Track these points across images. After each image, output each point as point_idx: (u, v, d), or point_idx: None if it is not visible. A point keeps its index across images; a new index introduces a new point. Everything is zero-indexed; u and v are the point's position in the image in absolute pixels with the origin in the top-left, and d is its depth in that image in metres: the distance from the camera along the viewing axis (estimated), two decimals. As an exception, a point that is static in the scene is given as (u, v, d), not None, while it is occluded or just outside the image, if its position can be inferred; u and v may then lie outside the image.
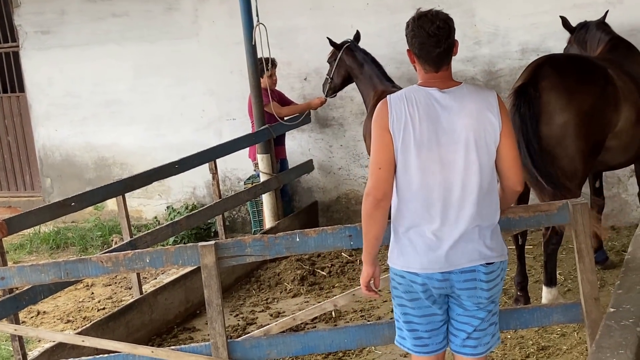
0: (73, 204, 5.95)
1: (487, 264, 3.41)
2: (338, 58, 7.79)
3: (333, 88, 7.97)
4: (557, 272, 6.47)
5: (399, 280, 3.50)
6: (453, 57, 3.47)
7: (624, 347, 2.89)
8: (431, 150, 3.36)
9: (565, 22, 6.88)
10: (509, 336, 5.37)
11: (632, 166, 7.37)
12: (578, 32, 6.86)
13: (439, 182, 3.38)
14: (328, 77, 7.93)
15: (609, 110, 5.56)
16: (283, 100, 8.39)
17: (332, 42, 7.86)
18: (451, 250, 3.39)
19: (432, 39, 3.34)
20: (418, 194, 3.40)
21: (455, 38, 3.45)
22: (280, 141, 8.33)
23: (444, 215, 3.39)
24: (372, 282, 3.65)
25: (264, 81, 8.04)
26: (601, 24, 6.79)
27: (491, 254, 3.43)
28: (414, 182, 3.39)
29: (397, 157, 3.38)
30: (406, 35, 3.42)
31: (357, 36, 7.91)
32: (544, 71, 5.48)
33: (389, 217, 3.53)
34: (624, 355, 2.82)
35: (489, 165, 3.41)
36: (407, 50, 3.47)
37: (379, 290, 3.71)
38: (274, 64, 8.22)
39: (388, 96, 3.46)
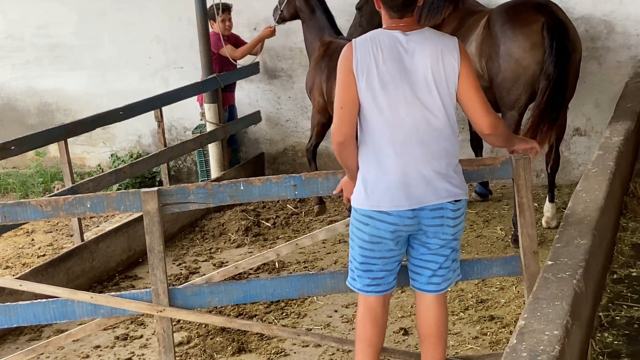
0: (13, 147, 5.84)
1: (455, 201, 3.52)
2: None
3: (282, 18, 7.64)
4: (499, 228, 6.60)
5: (365, 221, 3.53)
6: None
7: (559, 298, 2.95)
8: (396, 89, 3.43)
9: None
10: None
11: (575, 125, 7.60)
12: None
13: (403, 121, 3.44)
14: (279, 6, 7.62)
15: None
16: (240, 45, 8.26)
17: None
18: (420, 188, 3.47)
19: None
20: (384, 133, 3.46)
21: None
22: (230, 88, 8.24)
23: (410, 154, 3.46)
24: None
25: (216, 26, 7.94)
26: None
27: (458, 191, 3.53)
28: (380, 122, 3.45)
29: (362, 97, 3.44)
30: None
31: None
32: (554, 6, 6.11)
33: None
34: (560, 306, 2.88)
35: (450, 106, 3.49)
36: None
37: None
38: (227, 8, 8.08)
39: (353, 40, 3.51)
